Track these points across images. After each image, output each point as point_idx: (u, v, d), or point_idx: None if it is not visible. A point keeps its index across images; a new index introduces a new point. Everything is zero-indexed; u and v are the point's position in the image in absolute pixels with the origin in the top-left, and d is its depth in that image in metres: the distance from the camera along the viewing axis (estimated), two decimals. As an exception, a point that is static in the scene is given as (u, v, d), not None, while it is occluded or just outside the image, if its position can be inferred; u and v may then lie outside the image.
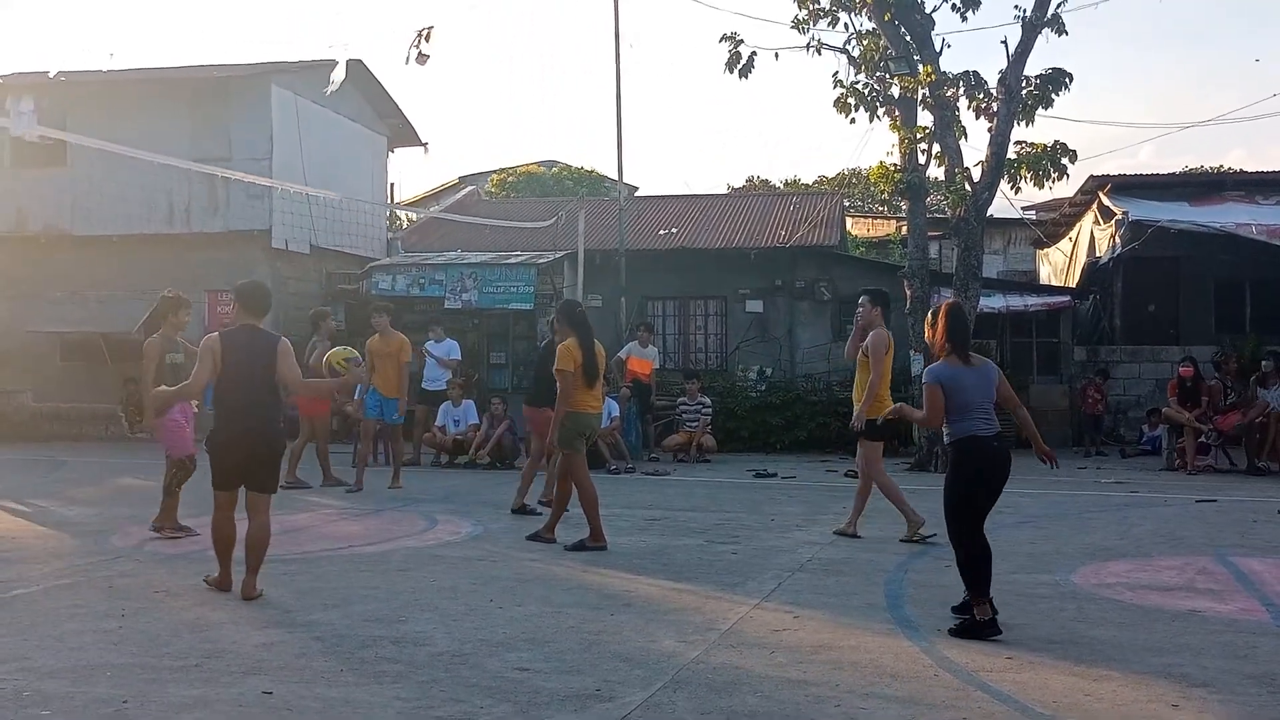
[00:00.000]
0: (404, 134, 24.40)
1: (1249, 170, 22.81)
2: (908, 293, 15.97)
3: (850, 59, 16.32)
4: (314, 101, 20.93)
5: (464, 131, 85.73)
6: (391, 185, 25.36)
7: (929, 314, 6.74)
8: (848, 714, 4.64)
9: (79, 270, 20.25)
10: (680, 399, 16.87)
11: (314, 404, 12.72)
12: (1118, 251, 19.66)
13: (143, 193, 19.57)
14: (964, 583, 6.15)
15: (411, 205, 28.56)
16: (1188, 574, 7.73)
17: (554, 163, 38.62)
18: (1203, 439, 14.85)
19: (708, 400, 16.82)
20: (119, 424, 19.73)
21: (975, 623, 5.98)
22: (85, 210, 20.08)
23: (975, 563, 6.13)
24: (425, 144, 24.86)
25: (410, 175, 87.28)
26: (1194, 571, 7.81)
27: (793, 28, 16.42)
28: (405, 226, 26.65)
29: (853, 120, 16.17)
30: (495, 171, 37.05)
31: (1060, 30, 15.02)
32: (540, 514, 10.06)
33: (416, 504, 11.36)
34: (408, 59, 15.26)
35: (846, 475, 14.20)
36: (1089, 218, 22.36)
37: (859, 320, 9.73)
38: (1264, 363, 15.54)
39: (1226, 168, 29.55)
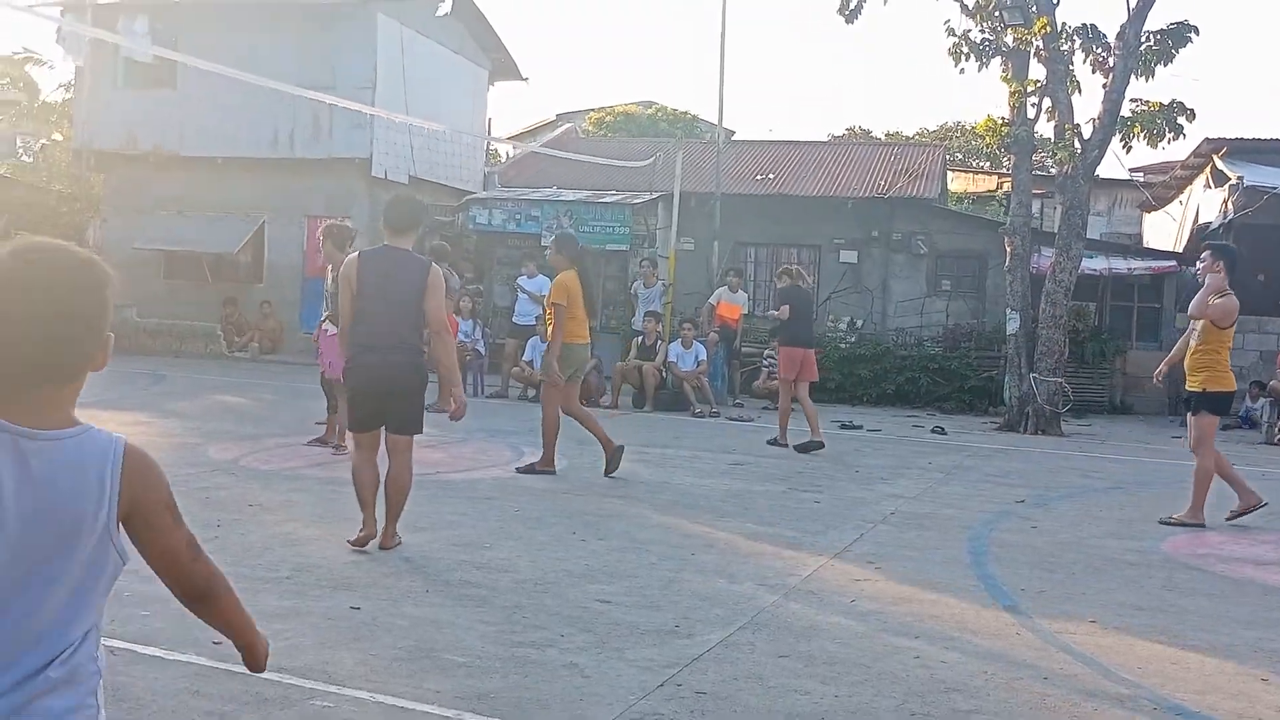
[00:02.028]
0: (505, 68, 24.42)
1: (1375, 138, 21.78)
2: (1008, 249, 15.67)
3: (964, 7, 15.91)
4: (419, 32, 21.03)
5: (563, 69, 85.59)
6: (490, 119, 25.45)
7: None
8: (926, 666, 4.63)
9: (184, 190, 20.73)
10: (767, 351, 16.78)
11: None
12: (1229, 218, 19.03)
13: (248, 116, 19.89)
14: None
15: (510, 140, 28.64)
16: (1283, 549, 7.55)
17: (652, 103, 38.37)
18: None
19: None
20: (218, 342, 20.25)
21: None
22: (192, 131, 20.48)
23: None
24: (526, 78, 24.87)
25: (510, 111, 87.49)
26: (1290, 547, 7.62)
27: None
28: (503, 161, 26.75)
29: (962, 70, 15.81)
30: (593, 110, 36.93)
31: (1185, -16, 14.48)
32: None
33: (504, 435, 11.52)
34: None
35: (933, 432, 14.08)
36: (1200, 181, 21.64)
37: (1199, 275, 8.73)
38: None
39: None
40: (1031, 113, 15.51)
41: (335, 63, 20.05)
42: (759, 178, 21.78)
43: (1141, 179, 25.52)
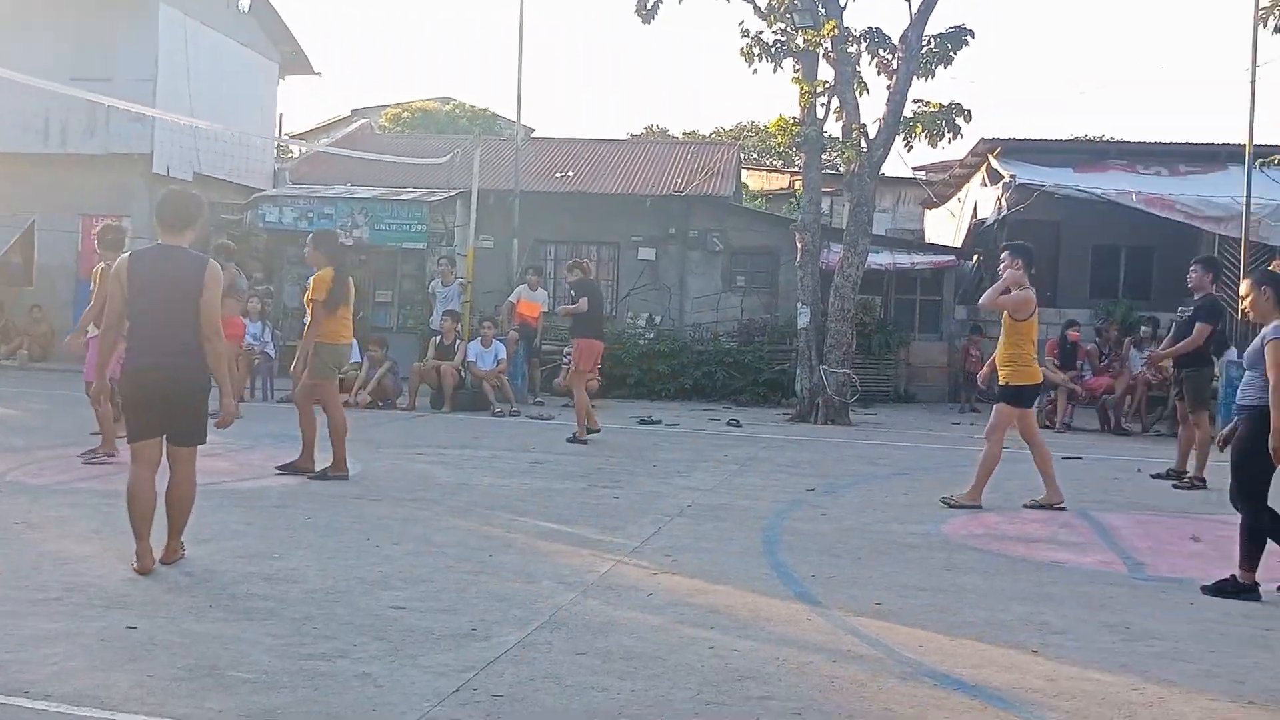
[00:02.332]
0: (296, 62, 23.70)
1: (1132, 140, 23.40)
2: (799, 246, 16.13)
3: (756, 9, 16.27)
4: (204, 23, 20.19)
5: (359, 64, 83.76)
6: (281, 115, 24.66)
7: (1251, 283, 6.38)
8: (720, 655, 4.70)
9: (-53, 188, 19.36)
10: (567, 349, 16.75)
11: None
12: (1003, 214, 20.10)
13: (15, 107, 18.70)
14: (1243, 548, 6.11)
15: (302, 137, 27.83)
16: (1052, 527, 8.00)
17: (450, 100, 37.93)
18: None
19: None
20: (-13, 349, 19.02)
21: (1238, 585, 6.05)
22: (-49, 124, 19.15)
23: (1265, 531, 6.14)
24: (319, 72, 24.23)
25: (302, 105, 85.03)
26: (1058, 525, 8.09)
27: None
28: (294, 157, 25.96)
29: (755, 71, 16.16)
30: (390, 106, 36.27)
31: (961, -10, 15.18)
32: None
33: (295, 441, 11.09)
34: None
35: (728, 424, 14.38)
36: (977, 179, 22.79)
37: (1000, 273, 9.05)
38: (1142, 328, 16.14)
39: (1111, 137, 30.33)
40: (821, 113, 15.99)
41: (114, 54, 19.08)
42: (558, 175, 21.79)
43: (923, 177, 26.70)
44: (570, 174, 21.87)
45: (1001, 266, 9.07)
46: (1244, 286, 6.50)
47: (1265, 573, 6.10)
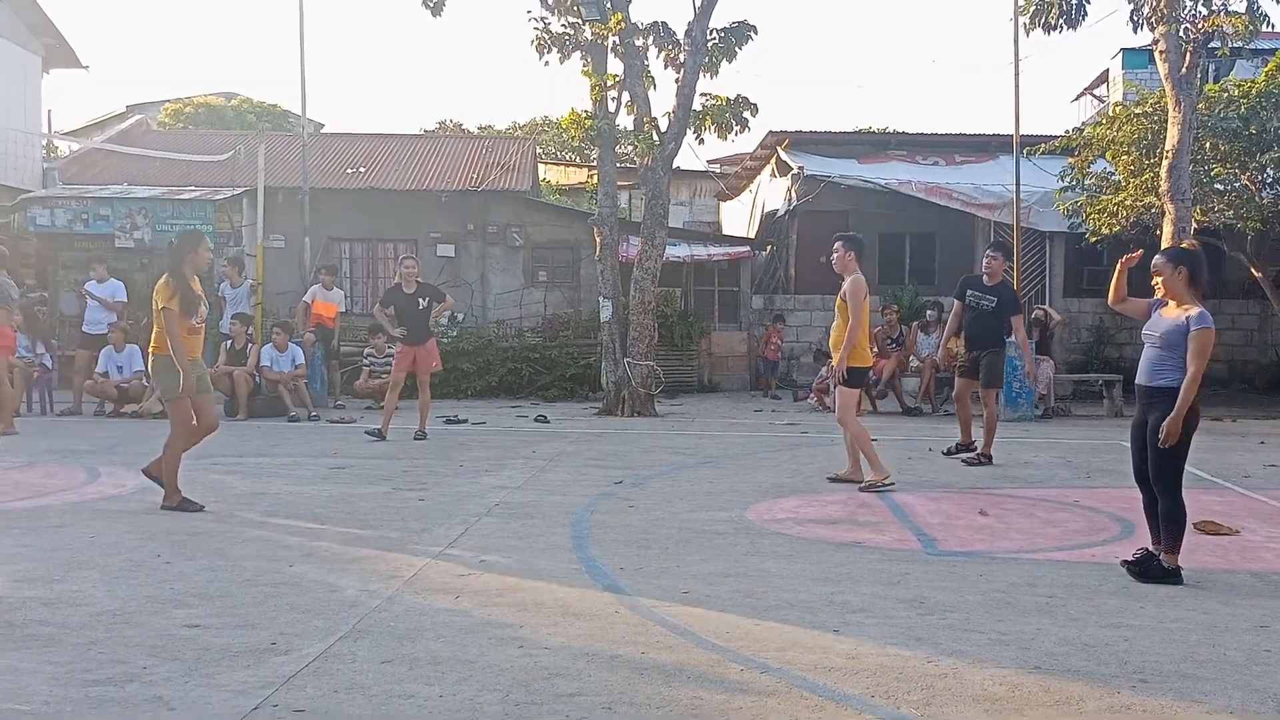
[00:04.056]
0: (61, 54, 22.32)
1: (911, 132, 24.47)
2: (598, 240, 16.20)
3: (543, 0, 16.23)
4: (-47, 13, 18.85)
5: (134, 58, 79.84)
6: (49, 111, 23.24)
7: (1165, 260, 6.16)
8: (529, 654, 4.67)
9: None
10: (367, 350, 16.40)
11: None
12: (793, 204, 20.71)
13: None
14: (1165, 532, 6.08)
15: (71, 135, 26.34)
16: (850, 508, 8.26)
17: (234, 94, 36.56)
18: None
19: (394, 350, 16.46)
20: None
21: (1163, 569, 6.04)
22: None
23: (1183, 514, 6.10)
24: (86, 66, 22.91)
25: (72, 102, 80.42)
26: (855, 505, 8.36)
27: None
28: (64, 156, 24.53)
29: (546, 63, 16.12)
30: (169, 101, 34.70)
31: (744, -13, 15.50)
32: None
33: (77, 456, 10.56)
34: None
35: (536, 420, 14.34)
36: (767, 171, 23.41)
37: (835, 265, 9.31)
38: (928, 312, 16.85)
39: (892, 128, 31.60)
40: (613, 106, 16.08)
41: None
42: (350, 171, 21.29)
43: (717, 170, 27.25)
44: (362, 170, 21.39)
45: (835, 258, 9.36)
46: (1157, 262, 6.22)
47: (1047, 540, 6.43)
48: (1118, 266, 6.62)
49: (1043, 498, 8.83)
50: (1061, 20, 15.29)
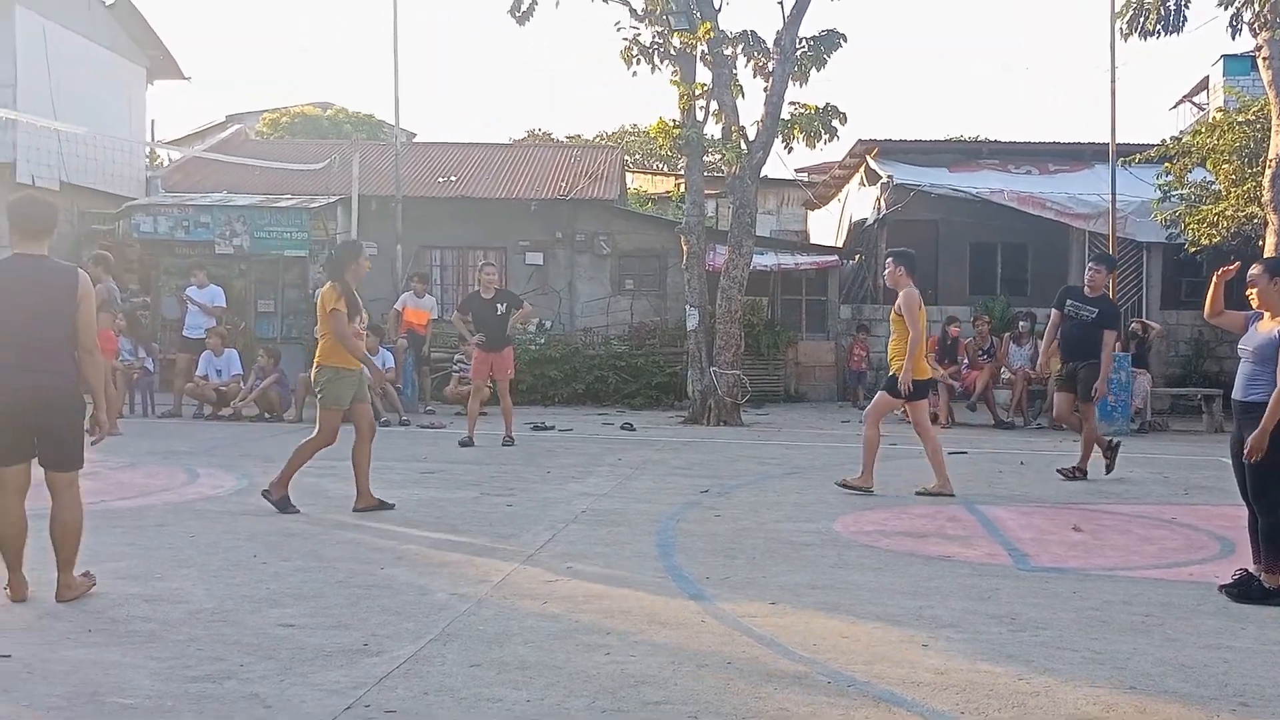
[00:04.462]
0: (165, 66, 23.02)
1: (1003, 140, 24.10)
2: (684, 248, 16.22)
3: (633, 11, 16.32)
4: (65, 26, 19.51)
5: (234, 69, 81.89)
6: (152, 121, 23.96)
7: (1262, 270, 6.02)
8: (616, 661, 4.69)
9: None
10: (457, 356, 16.60)
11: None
12: (882, 213, 20.52)
13: None
14: (1266, 551, 5.93)
15: (174, 144, 27.10)
16: (939, 521, 8.17)
17: (330, 104, 37.31)
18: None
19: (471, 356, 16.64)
20: None
21: (1264, 589, 5.89)
22: None
23: None
24: (188, 77, 23.59)
25: (174, 112, 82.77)
26: (944, 519, 8.26)
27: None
28: (166, 164, 25.25)
29: (635, 73, 16.24)
30: (267, 111, 35.51)
31: (834, -6, 15.44)
32: None
33: (177, 457, 10.86)
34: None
35: (622, 428, 14.39)
36: (856, 180, 23.23)
37: (887, 280, 9.57)
38: (1021, 323, 16.60)
39: (984, 137, 31.16)
40: (701, 115, 16.10)
41: (-32, 58, 18.29)
42: (441, 180, 21.59)
43: (805, 179, 27.12)
44: (453, 178, 21.68)
45: (886, 274, 9.50)
46: (1252, 273, 6.05)
47: (1144, 557, 6.30)
48: (1213, 278, 6.46)
49: (1139, 514, 8.65)
50: (1160, 26, 14.94)
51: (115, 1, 20.75)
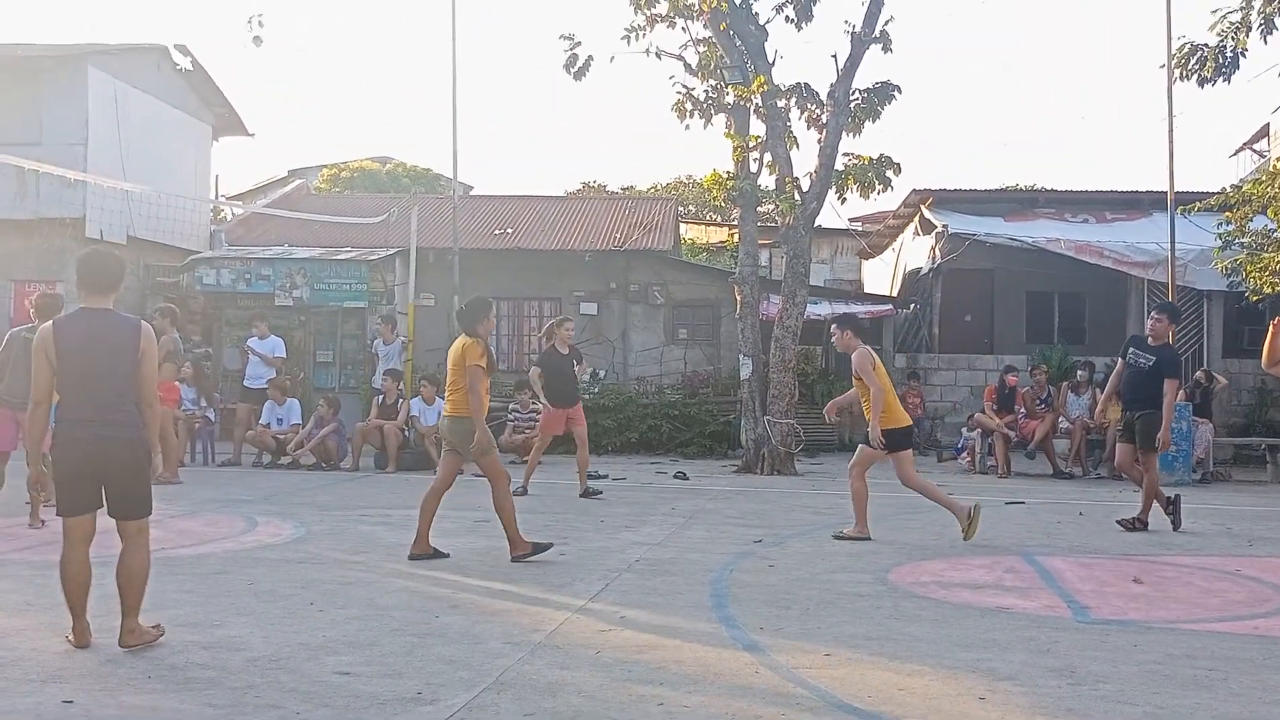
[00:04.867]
0: (230, 123, 23.63)
1: (1059, 189, 23.97)
2: (738, 298, 16.26)
3: (687, 65, 16.52)
4: (134, 85, 20.09)
5: (295, 125, 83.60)
6: (216, 176, 24.53)
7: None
8: (669, 712, 4.68)
9: None
10: (511, 405, 16.72)
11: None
12: (937, 263, 20.45)
13: (-55, 176, 18.45)
14: None
15: (237, 198, 27.68)
16: (996, 572, 8.06)
17: (389, 159, 37.97)
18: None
19: (538, 407, 16.73)
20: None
21: None
22: (-123, 191, 18.81)
23: None
24: (252, 134, 24.16)
25: (238, 166, 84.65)
26: (1002, 570, 8.16)
27: (623, 36, 16.48)
28: (230, 219, 25.79)
29: (688, 126, 16.41)
30: (327, 166, 36.22)
31: (886, 47, 15.51)
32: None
33: (236, 505, 11.01)
34: (248, 41, 14.68)
35: (675, 477, 14.38)
36: (910, 229, 23.18)
37: (836, 345, 10.34)
38: (1079, 372, 16.43)
39: (1040, 186, 31.00)
40: (754, 166, 16.20)
41: (43, 117, 18.92)
42: (497, 232, 21.85)
43: (859, 228, 27.11)
44: (509, 230, 21.94)
45: (834, 340, 10.39)
46: None
47: (1207, 610, 6.18)
48: (1270, 327, 6.40)
49: (1201, 566, 8.48)
50: (1217, 74, 14.86)
51: (187, 64, 21.36)
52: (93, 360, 5.52)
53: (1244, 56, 14.78)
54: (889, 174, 15.48)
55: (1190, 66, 15.06)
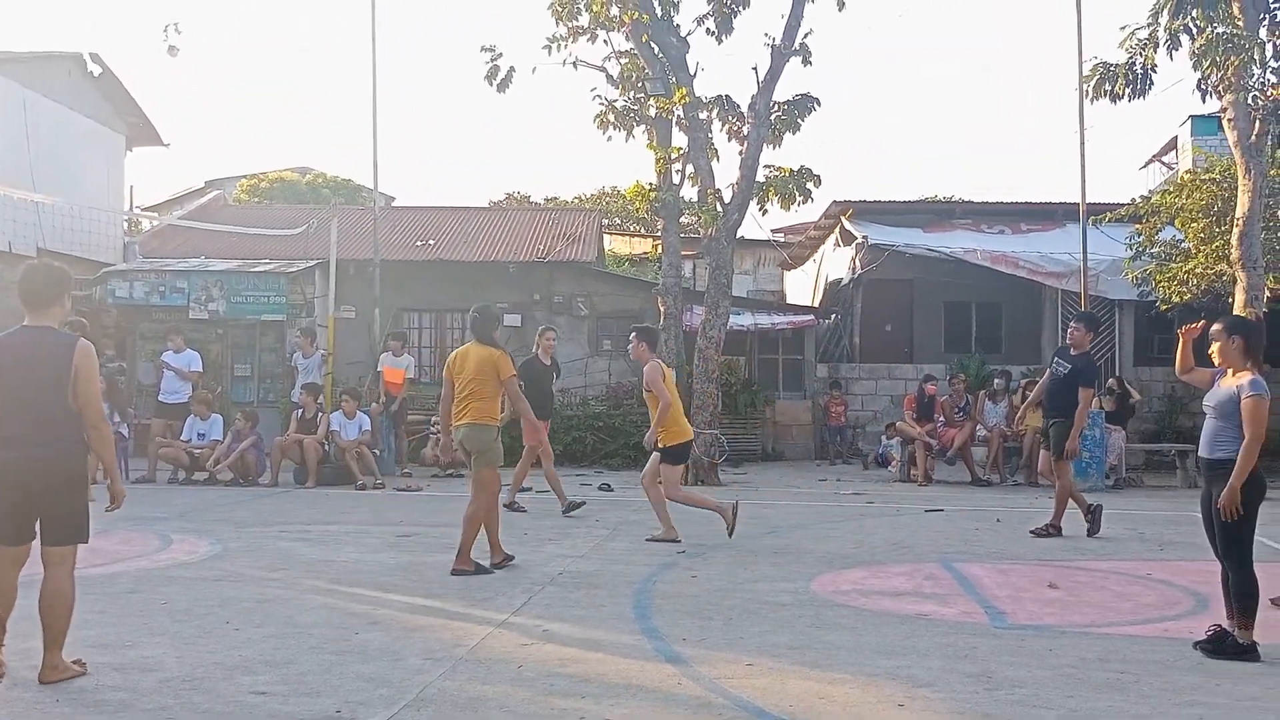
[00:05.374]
0: (144, 133, 23.15)
1: (976, 200, 24.41)
2: (661, 309, 16.30)
3: (609, 77, 16.57)
4: (45, 95, 19.63)
5: (212, 135, 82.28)
6: (131, 187, 24.04)
7: (1220, 329, 6.15)
8: (592, 726, 4.66)
9: None
10: (434, 418, 16.56)
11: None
12: (857, 273, 20.71)
13: None
14: (1238, 607, 5.92)
15: (152, 209, 27.15)
16: (916, 580, 8.16)
17: (309, 169, 37.50)
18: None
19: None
20: None
21: (1238, 645, 5.87)
22: None
23: (1254, 587, 5.94)
24: (167, 144, 23.70)
25: (153, 177, 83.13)
26: (922, 577, 8.26)
27: (544, 47, 16.51)
28: (145, 230, 25.28)
29: (609, 138, 16.45)
30: (245, 177, 35.67)
31: (806, 60, 15.68)
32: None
33: (150, 522, 10.76)
34: (163, 49, 14.36)
35: (600, 489, 14.36)
36: (831, 240, 23.45)
37: (631, 354, 10.63)
38: (996, 381, 16.71)
39: (957, 197, 31.52)
40: (677, 178, 16.28)
41: (-54, 127, 18.38)
42: (419, 243, 21.67)
43: (781, 239, 27.36)
44: (432, 242, 21.78)
45: (630, 348, 10.64)
46: (1213, 331, 6.18)
47: (1119, 614, 6.30)
48: (1180, 336, 6.57)
49: (1115, 570, 8.67)
50: (1127, 90, 15.24)
51: (99, 72, 20.93)
52: (28, 379, 5.30)
53: (1154, 72, 15.20)
54: (809, 186, 15.65)
55: (1100, 88, 15.43)
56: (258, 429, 15.03)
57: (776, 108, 15.67)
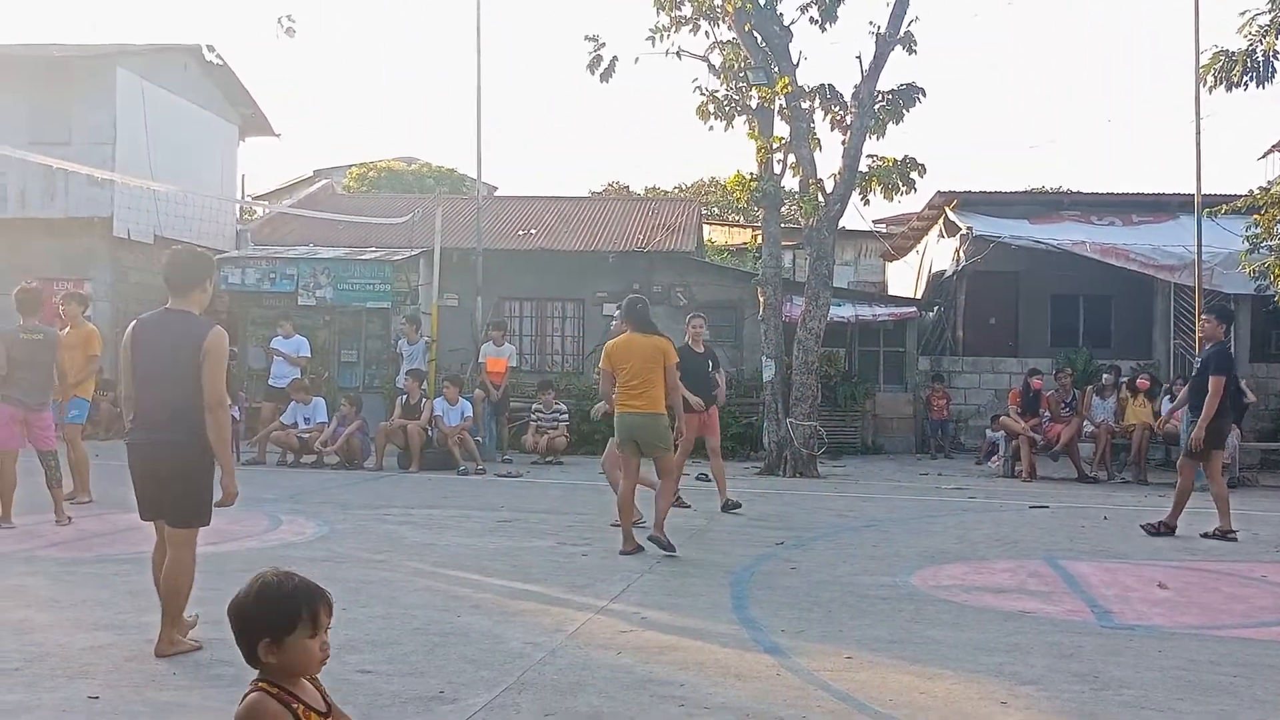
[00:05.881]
0: (256, 123, 23.77)
1: (1085, 191, 23.83)
2: (761, 300, 16.24)
3: (710, 67, 16.53)
4: (162, 86, 20.24)
5: (322, 125, 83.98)
6: (243, 176, 24.70)
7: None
8: (690, 714, 4.68)
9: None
10: (535, 405, 16.77)
11: None
12: (961, 265, 20.36)
13: (-25, 175, 18.65)
14: None
15: (263, 198, 27.83)
16: (1020, 576, 8.03)
17: (414, 159, 38.08)
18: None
19: (563, 407, 16.78)
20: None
21: None
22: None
23: None
24: (278, 134, 24.30)
25: (264, 166, 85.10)
26: (1025, 574, 8.12)
27: (648, 37, 16.52)
28: (256, 219, 25.95)
29: (710, 128, 16.39)
30: (353, 166, 36.36)
31: (910, 49, 15.45)
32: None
33: (260, 504, 11.05)
34: (277, 33, 14.65)
35: (698, 479, 14.36)
36: (935, 231, 23.09)
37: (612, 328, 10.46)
38: (1105, 375, 16.32)
39: (1065, 188, 30.86)
40: (778, 168, 16.17)
41: (71, 118, 19.08)
42: (521, 233, 21.89)
43: (883, 230, 27.03)
44: (533, 231, 21.98)
45: (614, 325, 10.39)
46: None
47: (1232, 616, 6.15)
48: None
49: (1227, 571, 8.42)
50: (1248, 78, 14.74)
51: (218, 62, 21.52)
52: (162, 363, 5.46)
53: (1276, 60, 14.68)
54: (913, 176, 15.42)
55: (1220, 72, 14.95)
56: (362, 414, 15.34)
57: (880, 97, 15.47)
